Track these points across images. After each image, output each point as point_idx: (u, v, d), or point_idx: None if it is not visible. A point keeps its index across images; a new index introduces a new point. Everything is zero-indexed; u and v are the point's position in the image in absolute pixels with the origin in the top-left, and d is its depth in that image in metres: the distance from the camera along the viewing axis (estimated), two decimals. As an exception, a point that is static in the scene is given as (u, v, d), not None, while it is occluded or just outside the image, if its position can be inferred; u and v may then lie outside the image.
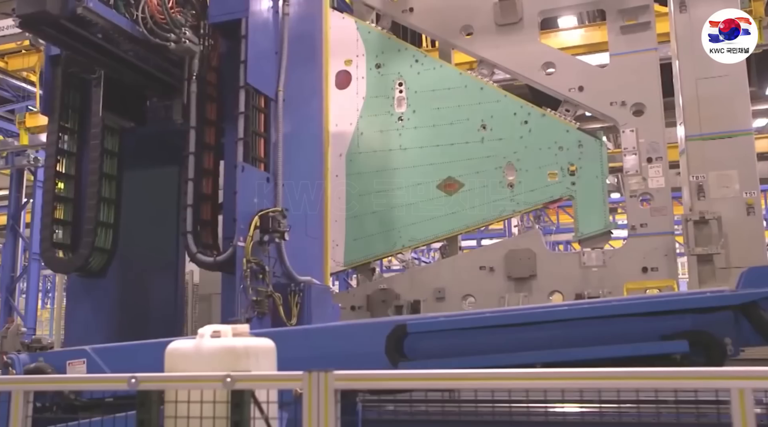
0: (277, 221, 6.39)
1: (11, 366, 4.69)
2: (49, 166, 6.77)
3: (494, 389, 3.63)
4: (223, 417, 2.84)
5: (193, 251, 6.19)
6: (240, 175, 6.23)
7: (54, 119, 6.73)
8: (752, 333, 3.71)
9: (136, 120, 7.06)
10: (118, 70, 6.53)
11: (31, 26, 5.77)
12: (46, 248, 6.65)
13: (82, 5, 5.39)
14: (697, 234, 8.20)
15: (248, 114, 6.43)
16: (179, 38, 6.19)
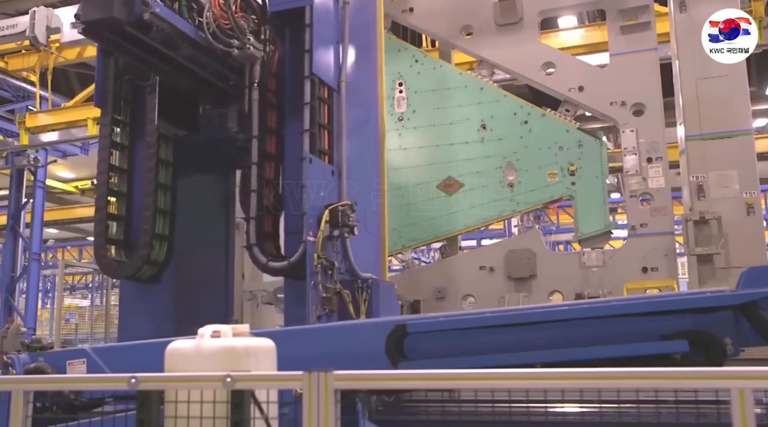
0: (347, 215, 6.20)
1: (11, 366, 4.68)
2: (103, 160, 6.54)
3: (494, 389, 3.64)
4: (223, 417, 2.84)
5: (263, 262, 6.04)
6: (308, 167, 6.03)
7: (107, 112, 6.54)
8: (752, 333, 3.71)
9: (188, 128, 6.89)
10: (175, 77, 6.38)
11: (95, 33, 5.62)
12: (99, 244, 6.45)
13: (150, 10, 5.26)
14: (697, 234, 8.19)
15: (314, 105, 6.23)
16: (243, 44, 6.03)
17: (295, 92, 6.37)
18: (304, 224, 5.94)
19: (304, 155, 6.05)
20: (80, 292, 34.07)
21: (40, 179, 17.94)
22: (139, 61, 6.08)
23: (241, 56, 6.09)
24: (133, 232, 6.56)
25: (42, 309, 25.71)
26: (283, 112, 6.53)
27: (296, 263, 5.90)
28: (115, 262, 6.44)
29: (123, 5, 5.23)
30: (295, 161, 6.23)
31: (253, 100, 6.26)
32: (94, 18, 5.32)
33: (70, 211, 29.49)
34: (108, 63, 6.58)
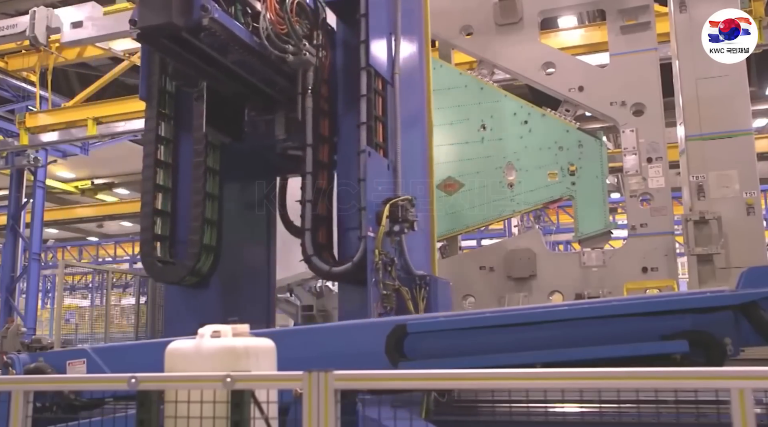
0: (407, 210, 6.03)
1: (11, 366, 4.69)
2: (149, 154, 6.31)
3: (494, 389, 3.64)
4: (223, 417, 2.84)
5: (327, 269, 5.86)
6: (367, 160, 5.84)
7: (152, 105, 6.35)
8: (752, 333, 3.71)
9: (234, 135, 6.70)
10: (224, 83, 6.20)
11: (150, 39, 5.46)
12: (145, 240, 6.22)
13: (209, 16, 5.05)
14: (697, 234, 8.19)
15: (370, 97, 6.05)
16: (299, 50, 5.84)
17: (348, 85, 6.19)
18: (362, 220, 5.76)
19: (361, 148, 5.87)
20: (80, 292, 34.07)
21: (40, 179, 17.94)
22: (189, 66, 5.90)
23: (296, 62, 5.89)
24: (178, 228, 6.36)
25: (42, 309, 25.70)
26: (336, 118, 6.36)
27: (360, 261, 5.71)
28: (159, 264, 6.21)
29: (181, 10, 5.05)
30: (349, 156, 6.05)
31: (306, 108, 6.06)
32: (153, 24, 5.14)
33: (70, 211, 29.52)
34: (153, 56, 6.43)
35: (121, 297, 21.99)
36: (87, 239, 35.72)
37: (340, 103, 6.35)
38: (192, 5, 5.04)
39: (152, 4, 5.12)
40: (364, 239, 5.73)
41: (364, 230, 5.73)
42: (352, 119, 6.12)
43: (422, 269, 6.42)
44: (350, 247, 5.94)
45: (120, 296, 22.27)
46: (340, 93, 6.36)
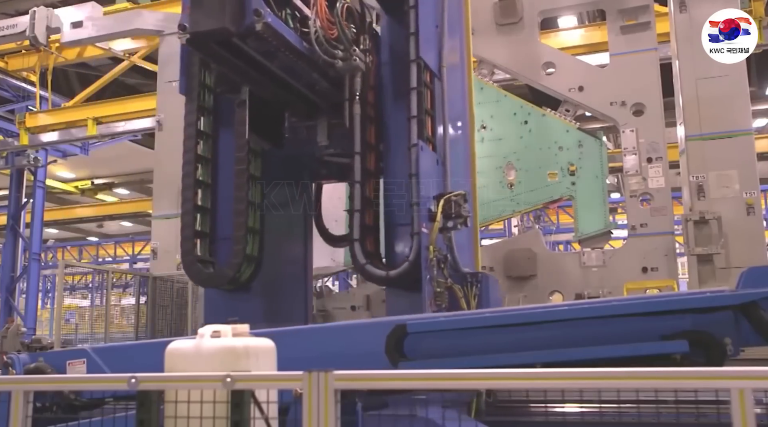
0: (460, 205, 5.86)
1: (11, 366, 4.68)
2: (189, 149, 6.08)
3: (494, 389, 3.64)
4: (223, 417, 2.84)
5: (383, 274, 5.72)
6: (420, 154, 5.71)
7: (192, 99, 6.19)
8: (752, 333, 3.71)
9: (275, 142, 6.55)
10: (269, 89, 6.07)
11: (200, 44, 5.30)
12: (187, 237, 6.04)
13: (262, 20, 4.91)
14: (697, 234, 8.20)
15: (420, 90, 5.89)
16: (349, 55, 5.70)
17: (395, 80, 6.07)
18: (414, 216, 5.61)
19: (413, 142, 5.72)
20: (80, 292, 34.08)
21: (40, 179, 17.94)
22: (234, 72, 5.75)
23: (346, 68, 5.74)
24: (218, 225, 6.22)
25: (42, 309, 25.71)
26: (382, 125, 6.23)
27: (415, 259, 5.53)
28: (199, 264, 6.03)
29: (234, 15, 4.93)
30: (398, 152, 5.92)
31: (354, 115, 5.90)
32: (205, 29, 5.01)
33: (70, 211, 29.51)
34: (193, 50, 6.17)
35: (121, 297, 21.99)
36: (87, 239, 35.73)
37: (386, 98, 6.19)
38: (245, 10, 4.91)
39: (205, 9, 4.98)
40: (417, 236, 5.56)
41: (417, 226, 5.57)
42: (399, 114, 5.97)
43: (467, 267, 6.29)
44: (400, 246, 5.77)
45: (120, 296, 22.27)
46: (386, 88, 6.20)
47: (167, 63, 12.95)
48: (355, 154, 5.88)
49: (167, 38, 12.98)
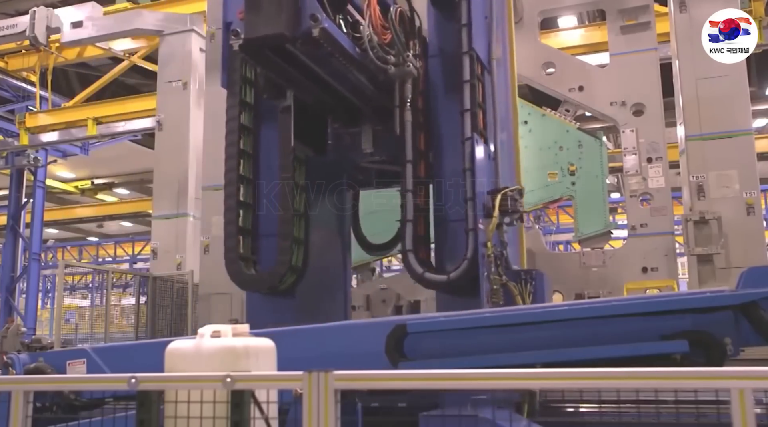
0: (516, 201, 5.73)
1: (11, 366, 4.69)
2: (231, 144, 5.97)
3: (494, 389, 3.63)
4: (223, 417, 2.84)
5: (444, 279, 5.53)
6: (476, 148, 5.58)
7: (234, 93, 6.06)
8: (752, 333, 3.72)
9: (318, 149, 6.37)
10: (317, 95, 5.94)
11: (254, 49, 5.16)
12: (230, 233, 5.88)
13: (319, 26, 4.75)
14: (697, 234, 8.20)
15: (473, 82, 5.69)
16: (403, 60, 5.56)
17: (446, 73, 5.95)
18: (469, 212, 5.46)
19: (467, 136, 5.55)
20: (80, 292, 34.09)
21: (40, 179, 17.94)
22: (283, 77, 5.60)
23: (398, 73, 5.55)
24: (261, 222, 6.07)
25: (42, 309, 25.71)
26: (433, 121, 6.07)
27: (473, 256, 5.35)
28: (242, 267, 5.90)
29: (290, 20, 4.79)
30: (449, 147, 5.78)
31: (405, 122, 5.73)
32: (262, 34, 4.88)
33: (70, 211, 29.50)
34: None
35: (121, 297, 21.99)
36: (87, 239, 35.72)
37: (436, 93, 6.05)
38: (301, 15, 4.79)
39: (261, 14, 4.84)
40: (473, 232, 5.39)
41: (473, 222, 5.41)
42: (451, 108, 5.84)
43: (515, 264, 6.19)
44: (454, 245, 5.61)
45: (120, 296, 22.27)
46: (436, 82, 6.07)
47: (167, 63, 12.96)
48: (406, 162, 5.71)
49: (167, 38, 12.99)
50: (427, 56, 6.19)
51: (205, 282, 10.41)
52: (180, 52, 12.78)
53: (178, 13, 13.38)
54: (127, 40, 15.16)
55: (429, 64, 6.12)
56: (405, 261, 5.65)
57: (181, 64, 12.73)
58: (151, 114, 13.75)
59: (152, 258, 12.44)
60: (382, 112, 6.00)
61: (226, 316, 9.82)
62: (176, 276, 11.50)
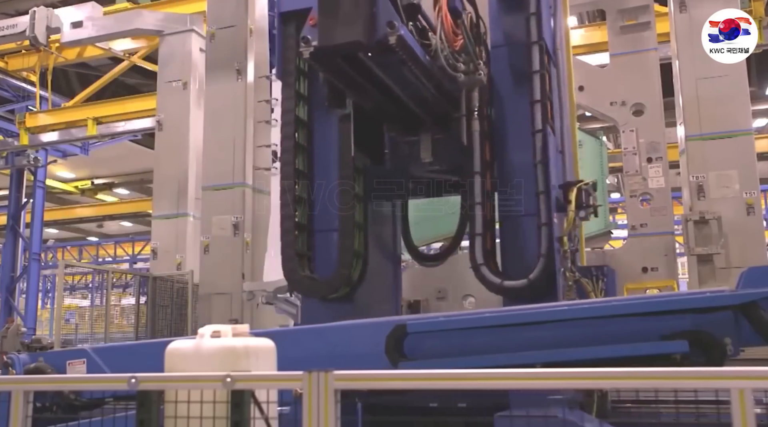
0: (590, 195, 5.54)
1: (11, 366, 4.69)
2: (287, 136, 5.82)
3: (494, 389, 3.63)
4: (223, 417, 2.84)
5: (523, 283, 5.25)
6: (549, 140, 5.41)
7: (289, 84, 5.89)
8: (752, 333, 3.71)
9: (376, 158, 6.19)
10: (381, 104, 5.74)
11: (326, 58, 4.96)
12: (287, 229, 5.73)
13: (396, 33, 4.55)
14: (697, 234, 8.20)
15: (543, 73, 5.51)
16: (475, 68, 5.35)
17: (512, 65, 5.78)
18: (542, 207, 5.24)
19: (537, 128, 5.38)
20: (80, 292, 34.07)
21: (40, 179, 17.95)
22: (347, 85, 5.40)
23: (468, 82, 5.37)
24: (317, 217, 5.94)
25: (42, 309, 25.70)
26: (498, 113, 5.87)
27: (548, 252, 5.12)
28: (298, 267, 5.75)
29: (366, 28, 4.60)
30: (516, 139, 5.60)
31: (473, 131, 5.54)
32: (337, 42, 4.68)
33: (70, 211, 29.52)
34: (289, 31, 5.91)
35: (121, 297, 21.99)
36: (87, 239, 35.73)
37: (502, 85, 5.85)
38: (377, 22, 4.61)
39: (337, 21, 4.66)
40: (546, 227, 5.19)
41: (546, 217, 5.20)
42: (518, 100, 5.67)
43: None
44: (525, 243, 5.41)
45: (120, 296, 22.27)
46: (502, 74, 5.88)
47: (167, 63, 12.97)
48: (474, 174, 5.52)
49: (167, 38, 12.99)
50: (490, 59, 5.99)
51: (205, 282, 10.41)
52: (180, 52, 12.78)
53: (178, 13, 13.38)
54: (127, 40, 15.17)
55: (492, 56, 5.92)
56: (479, 275, 5.42)
57: (181, 64, 12.73)
58: (151, 114, 13.75)
59: (152, 258, 12.44)
60: (442, 120, 5.84)
61: (226, 316, 9.83)
62: (176, 276, 11.50)
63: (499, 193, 5.62)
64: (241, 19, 10.74)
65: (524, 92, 5.60)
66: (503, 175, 5.65)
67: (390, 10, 4.64)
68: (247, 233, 10.31)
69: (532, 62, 5.55)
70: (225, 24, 10.77)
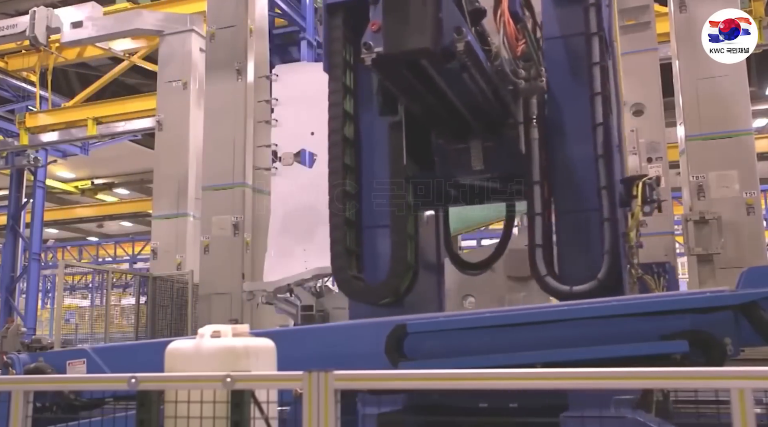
0: (653, 189, 5.40)
1: (11, 366, 4.69)
2: (335, 130, 5.68)
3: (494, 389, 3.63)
4: (223, 417, 2.84)
5: (593, 285, 5.04)
6: (610, 133, 5.23)
7: (336, 77, 5.75)
8: (752, 333, 3.71)
9: (426, 166, 5.99)
10: (428, 109, 5.57)
11: (389, 65, 4.78)
12: (336, 225, 5.60)
13: (464, 39, 4.38)
14: (697, 234, 8.20)
15: (604, 64, 5.39)
16: (537, 74, 5.22)
17: (568, 56, 5.62)
18: (604, 201, 5.09)
19: (598, 121, 5.22)
20: (80, 292, 34.09)
21: (40, 179, 17.95)
22: (405, 93, 5.25)
23: (529, 88, 5.23)
24: (365, 214, 5.82)
25: (42, 309, 25.71)
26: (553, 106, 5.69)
27: (613, 249, 4.95)
28: (350, 276, 5.62)
29: (433, 34, 4.44)
30: (573, 133, 5.45)
31: (532, 140, 5.38)
32: (405, 49, 4.51)
33: (70, 211, 29.53)
34: (335, 23, 5.78)
35: (121, 297, 22.00)
36: (87, 239, 35.74)
37: (556, 78, 5.66)
38: (443, 27, 4.45)
39: (403, 27, 4.50)
40: (609, 223, 5.03)
41: (609, 212, 5.05)
42: (573, 93, 5.52)
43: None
44: (584, 239, 5.25)
45: (120, 296, 22.27)
46: (558, 67, 5.70)
47: (167, 63, 12.97)
48: (533, 184, 5.35)
49: (167, 38, 13.00)
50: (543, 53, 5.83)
51: (205, 282, 10.42)
52: (180, 52, 12.79)
53: (178, 13, 13.39)
54: (127, 40, 15.17)
55: (545, 48, 5.75)
56: (544, 285, 5.23)
57: (181, 64, 12.74)
58: (151, 114, 13.76)
59: (152, 258, 12.45)
60: (492, 126, 5.68)
61: (226, 316, 9.84)
62: (176, 276, 11.51)
63: (556, 191, 5.45)
64: (241, 19, 10.74)
65: (581, 85, 5.42)
66: (559, 172, 5.47)
67: (456, 15, 4.49)
68: (247, 233, 10.32)
69: (592, 54, 5.36)
70: (225, 24, 10.78)
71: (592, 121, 5.30)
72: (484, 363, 3.76)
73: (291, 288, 8.67)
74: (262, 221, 10.00)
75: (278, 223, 8.87)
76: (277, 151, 8.90)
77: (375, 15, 4.55)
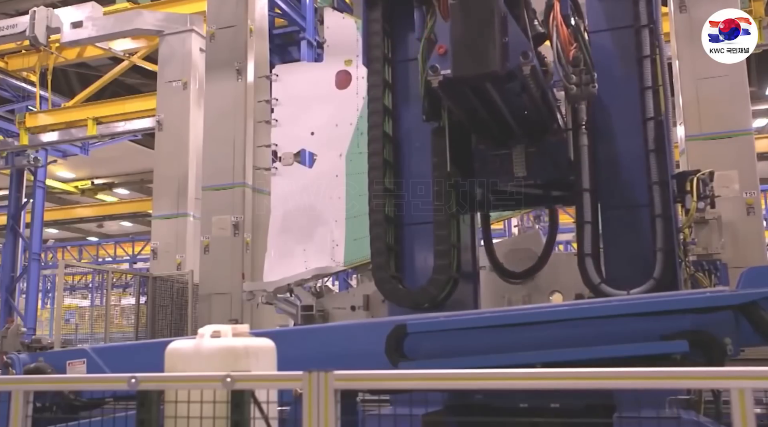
0: (706, 185, 5.25)
1: (11, 366, 4.69)
2: (375, 125, 5.63)
3: (493, 389, 3.63)
4: (223, 417, 2.84)
5: (651, 286, 4.88)
6: (663, 128, 5.09)
7: (376, 71, 5.71)
8: (752, 333, 3.71)
9: (467, 172, 5.91)
10: (475, 116, 5.50)
11: (455, 87, 4.76)
12: (376, 221, 5.52)
13: (530, 63, 4.41)
14: (697, 234, 8.20)
15: (654, 58, 5.23)
16: (590, 80, 5.08)
17: (617, 49, 5.55)
18: (656, 197, 4.96)
19: (649, 115, 5.12)
20: (80, 292, 34.09)
21: (40, 179, 17.96)
22: (460, 105, 5.20)
23: (580, 94, 5.10)
24: (405, 210, 5.75)
25: (42, 309, 25.72)
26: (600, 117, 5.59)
27: (666, 246, 4.83)
28: (388, 276, 5.54)
29: (501, 57, 4.43)
30: (622, 128, 5.35)
31: (581, 146, 5.29)
32: (473, 73, 4.55)
33: (70, 211, 29.54)
34: (374, 17, 5.71)
35: (121, 297, 22.01)
36: (87, 239, 35.74)
37: (604, 71, 5.56)
38: (509, 51, 4.45)
39: (471, 52, 4.51)
40: (662, 219, 4.92)
41: (662, 208, 4.95)
42: (623, 86, 5.42)
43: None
44: (635, 235, 5.13)
45: (120, 296, 22.28)
46: (606, 59, 5.60)
47: (167, 63, 12.97)
48: (583, 191, 5.24)
49: (167, 38, 13.00)
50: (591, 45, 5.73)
51: (205, 282, 10.42)
52: (180, 52, 12.79)
53: (178, 13, 13.39)
54: (127, 40, 15.18)
55: (592, 41, 5.65)
56: (598, 293, 5.06)
57: (181, 64, 12.74)
58: (151, 114, 13.76)
59: (152, 258, 12.45)
60: (536, 132, 5.61)
61: (226, 316, 9.84)
62: (176, 276, 11.51)
63: (602, 188, 5.34)
64: (241, 19, 10.75)
65: (630, 78, 5.34)
66: (606, 169, 5.36)
67: (522, 39, 4.50)
68: (247, 233, 10.32)
69: (642, 47, 5.28)
70: (225, 24, 10.78)
71: (642, 116, 5.19)
72: (484, 363, 3.76)
73: (291, 288, 8.67)
74: (262, 221, 10.00)
75: (278, 223, 8.86)
76: (277, 151, 8.90)
77: (441, 38, 4.55)
